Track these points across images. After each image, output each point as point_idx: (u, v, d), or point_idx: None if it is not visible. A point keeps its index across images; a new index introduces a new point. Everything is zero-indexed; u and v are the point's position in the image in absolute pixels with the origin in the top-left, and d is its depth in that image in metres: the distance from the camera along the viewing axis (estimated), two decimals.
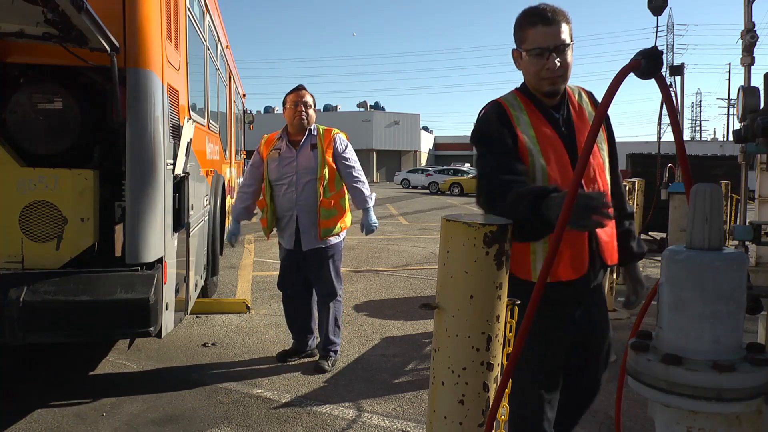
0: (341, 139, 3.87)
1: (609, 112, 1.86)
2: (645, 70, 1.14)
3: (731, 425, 0.93)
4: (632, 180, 7.80)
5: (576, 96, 2.04)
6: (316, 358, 3.97)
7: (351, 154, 3.89)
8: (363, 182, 3.90)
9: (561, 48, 1.85)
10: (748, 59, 5.39)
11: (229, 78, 7.91)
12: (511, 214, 1.53)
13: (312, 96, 3.88)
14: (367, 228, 3.96)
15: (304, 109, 3.76)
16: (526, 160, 1.90)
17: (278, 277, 4.08)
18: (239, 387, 3.57)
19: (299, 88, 3.86)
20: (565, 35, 1.86)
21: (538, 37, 1.85)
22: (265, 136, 3.98)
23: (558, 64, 1.86)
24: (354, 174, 3.86)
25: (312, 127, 3.83)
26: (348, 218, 3.94)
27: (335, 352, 3.95)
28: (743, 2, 5.59)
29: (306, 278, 3.94)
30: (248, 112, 13.61)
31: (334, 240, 3.82)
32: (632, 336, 1.09)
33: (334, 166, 3.79)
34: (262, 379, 3.69)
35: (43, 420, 3.09)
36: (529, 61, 1.90)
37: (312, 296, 4.03)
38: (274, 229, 3.92)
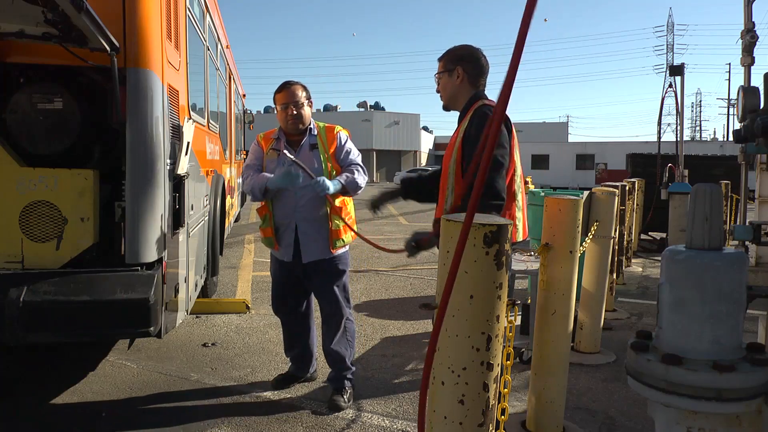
0: (343, 135, 3.44)
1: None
2: None
3: (731, 425, 0.93)
4: (632, 180, 7.81)
5: (468, 118, 2.70)
6: (316, 380, 3.62)
7: (351, 146, 3.43)
8: (360, 168, 3.36)
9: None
10: (748, 59, 5.38)
11: (229, 78, 7.91)
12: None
13: (304, 89, 3.39)
14: (321, 183, 3.15)
15: (295, 110, 3.30)
16: None
17: (273, 299, 3.56)
18: (239, 387, 3.57)
19: (287, 86, 3.35)
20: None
21: None
22: (261, 134, 3.53)
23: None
24: (352, 159, 3.38)
25: (311, 126, 3.40)
26: (355, 225, 3.49)
27: (350, 380, 3.40)
28: (743, 2, 5.59)
29: (308, 294, 3.53)
30: (248, 112, 13.62)
31: (340, 250, 3.37)
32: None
33: (339, 166, 3.36)
34: (262, 379, 3.69)
35: (42, 420, 3.09)
36: None
37: (312, 314, 3.62)
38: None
